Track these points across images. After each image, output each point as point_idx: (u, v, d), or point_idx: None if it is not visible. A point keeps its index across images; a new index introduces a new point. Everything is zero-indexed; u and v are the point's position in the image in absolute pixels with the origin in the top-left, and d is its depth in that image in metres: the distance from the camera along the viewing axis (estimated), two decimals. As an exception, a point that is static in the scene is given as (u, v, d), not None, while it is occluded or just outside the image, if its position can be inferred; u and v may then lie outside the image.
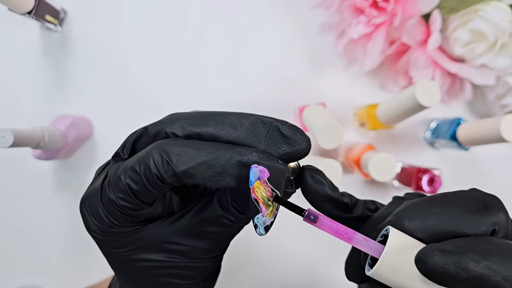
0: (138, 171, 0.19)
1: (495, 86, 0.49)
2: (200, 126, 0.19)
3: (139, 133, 0.21)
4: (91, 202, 0.22)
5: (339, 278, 0.52)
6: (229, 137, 0.19)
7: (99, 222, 0.22)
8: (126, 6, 0.52)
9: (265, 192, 0.18)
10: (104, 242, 0.23)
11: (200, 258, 0.23)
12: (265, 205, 0.18)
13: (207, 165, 0.18)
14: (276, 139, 0.19)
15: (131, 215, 0.21)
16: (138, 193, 0.20)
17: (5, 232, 0.52)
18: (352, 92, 0.53)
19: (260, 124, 0.19)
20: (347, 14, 0.47)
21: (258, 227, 0.19)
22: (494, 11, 0.43)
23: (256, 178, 0.18)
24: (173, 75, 0.52)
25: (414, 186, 0.45)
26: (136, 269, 0.23)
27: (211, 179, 0.18)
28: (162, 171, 0.19)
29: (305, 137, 0.19)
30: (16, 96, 0.52)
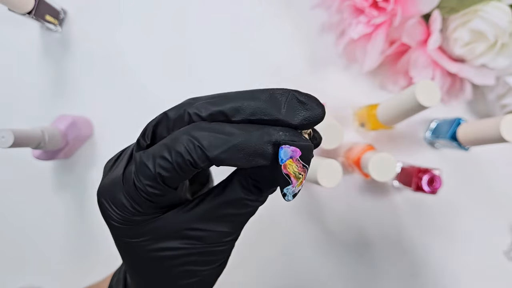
0: (169, 159, 0.20)
1: (495, 86, 0.49)
2: (221, 104, 0.20)
3: (158, 118, 0.22)
4: (111, 191, 0.22)
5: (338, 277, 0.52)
6: (250, 109, 0.20)
7: (121, 211, 0.22)
8: (126, 6, 0.52)
9: (297, 168, 0.20)
10: (122, 231, 0.23)
11: (218, 243, 0.23)
12: (295, 178, 0.20)
13: (238, 148, 0.19)
14: (295, 106, 0.20)
15: (156, 201, 0.22)
16: (167, 179, 0.21)
17: (5, 232, 0.52)
18: (352, 92, 0.53)
19: (278, 94, 0.20)
20: (347, 14, 0.47)
21: (287, 195, 0.20)
22: (494, 11, 0.43)
23: (288, 157, 0.19)
24: (173, 75, 0.52)
25: (414, 186, 0.45)
26: (152, 259, 0.23)
27: (243, 160, 0.19)
28: (196, 157, 0.19)
29: (320, 103, 0.20)
30: (16, 96, 0.52)
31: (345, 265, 0.52)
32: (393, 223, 0.53)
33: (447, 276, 0.53)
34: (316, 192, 0.52)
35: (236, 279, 0.52)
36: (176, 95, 0.52)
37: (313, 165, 0.38)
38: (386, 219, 0.53)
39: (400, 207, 0.53)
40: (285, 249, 0.52)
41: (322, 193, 0.52)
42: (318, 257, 0.52)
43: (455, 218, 0.53)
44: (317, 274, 0.53)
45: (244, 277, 0.52)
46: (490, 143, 0.41)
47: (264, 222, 0.52)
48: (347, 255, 0.52)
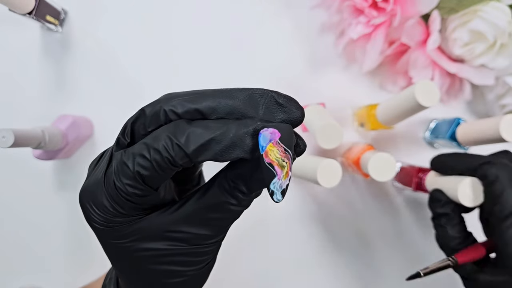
0: (148, 157, 0.20)
1: (495, 86, 0.49)
2: (198, 101, 0.20)
3: (136, 115, 0.22)
4: (92, 192, 0.22)
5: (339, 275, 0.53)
6: (227, 109, 0.20)
7: (103, 212, 0.22)
8: (127, 7, 0.52)
9: (279, 153, 0.19)
10: (105, 233, 0.23)
11: (202, 244, 0.23)
12: (279, 167, 0.19)
13: (216, 141, 0.19)
14: (273, 107, 0.20)
15: (137, 202, 0.21)
16: (147, 178, 0.20)
17: (5, 232, 0.52)
18: (352, 92, 0.53)
19: (257, 95, 0.20)
20: (346, 14, 0.47)
21: (275, 193, 0.19)
22: (493, 11, 0.43)
23: (268, 141, 0.18)
24: (173, 75, 0.52)
25: (414, 186, 0.45)
26: (138, 260, 0.23)
27: (222, 154, 0.19)
28: (173, 154, 0.19)
29: (299, 106, 0.20)
30: (16, 96, 0.52)
31: (345, 265, 0.52)
32: (393, 223, 0.53)
33: (447, 276, 0.53)
34: (316, 192, 0.52)
35: (235, 278, 0.52)
36: (176, 95, 0.52)
37: (313, 165, 0.38)
38: (385, 219, 0.53)
39: (399, 207, 0.53)
40: (284, 249, 0.52)
41: (322, 193, 0.52)
42: (317, 257, 0.52)
43: (454, 218, 0.53)
44: (317, 274, 0.53)
45: (242, 277, 0.53)
46: (490, 143, 0.41)
47: (264, 222, 0.52)
48: (347, 255, 0.52)
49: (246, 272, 0.53)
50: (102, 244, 0.24)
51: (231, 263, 0.52)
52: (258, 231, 0.52)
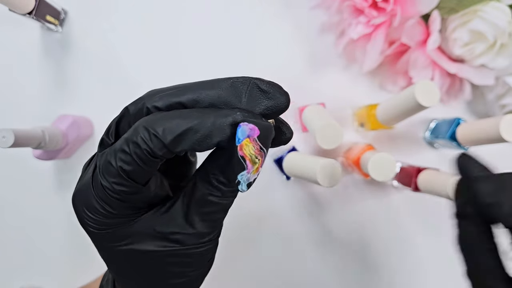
0: (128, 151, 0.19)
1: (495, 86, 0.49)
2: (180, 95, 0.20)
3: (120, 114, 0.21)
4: (83, 195, 0.22)
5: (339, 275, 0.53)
6: (209, 99, 0.19)
7: (95, 214, 0.21)
8: (127, 7, 0.52)
9: (254, 149, 0.18)
10: (99, 237, 0.22)
11: (198, 244, 0.23)
12: (251, 162, 0.19)
13: (194, 130, 0.19)
14: (256, 95, 0.19)
15: (127, 200, 0.21)
16: (131, 173, 0.20)
17: (5, 232, 0.52)
18: (352, 92, 0.53)
19: (239, 83, 0.19)
20: (346, 15, 0.47)
21: (241, 184, 0.19)
22: (493, 11, 0.43)
23: (246, 136, 0.18)
24: (173, 75, 0.52)
25: (413, 186, 0.45)
26: (134, 262, 0.23)
27: (199, 143, 0.19)
28: (151, 145, 0.19)
29: (284, 91, 0.20)
30: (16, 96, 0.52)
31: (345, 265, 0.52)
32: (393, 223, 0.53)
33: (447, 276, 0.53)
34: (316, 192, 0.52)
35: (234, 278, 0.52)
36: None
37: (313, 165, 0.38)
38: (385, 219, 0.53)
39: (399, 207, 0.53)
40: (284, 249, 0.52)
41: (322, 193, 0.53)
42: (317, 257, 0.53)
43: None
44: (317, 274, 0.53)
45: (242, 276, 0.53)
46: (490, 143, 0.41)
47: (264, 222, 0.52)
48: (347, 255, 0.53)
49: (245, 272, 0.53)
50: (97, 248, 0.24)
51: (231, 263, 0.52)
52: (257, 231, 0.52)
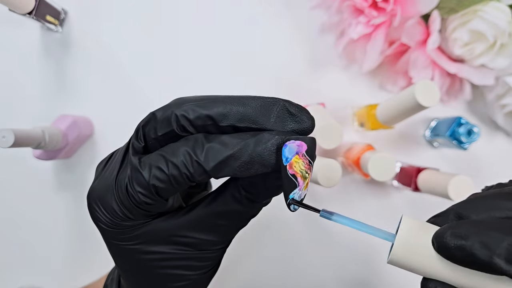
0: (166, 171, 0.20)
1: (494, 86, 0.49)
2: (209, 107, 0.20)
3: (147, 119, 0.22)
4: (102, 194, 0.22)
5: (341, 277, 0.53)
6: (238, 116, 0.20)
7: (111, 215, 0.22)
8: (127, 7, 0.52)
9: (304, 164, 0.18)
10: (111, 234, 0.23)
11: (208, 250, 0.23)
12: (302, 178, 0.19)
13: (235, 157, 0.19)
14: (284, 116, 0.20)
15: (146, 209, 0.21)
16: (161, 191, 0.20)
17: (5, 232, 0.52)
18: (352, 92, 0.53)
19: (269, 102, 0.20)
20: (346, 15, 0.47)
21: (292, 205, 0.19)
22: (493, 11, 0.43)
23: (294, 153, 0.18)
24: (173, 75, 0.52)
25: (413, 186, 0.45)
26: (142, 262, 0.23)
27: (240, 170, 0.19)
28: (192, 170, 0.19)
29: (310, 116, 0.20)
30: (16, 96, 0.52)
31: (345, 265, 0.52)
32: (393, 223, 0.53)
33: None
34: (316, 192, 0.52)
35: (234, 278, 0.52)
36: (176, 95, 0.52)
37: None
38: (385, 219, 0.53)
39: (399, 207, 0.53)
40: (284, 250, 0.53)
41: (322, 193, 0.53)
42: (317, 257, 0.53)
43: (454, 218, 0.53)
44: (317, 274, 0.53)
45: (242, 277, 0.53)
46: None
47: (263, 222, 0.52)
48: (347, 255, 0.53)
49: (244, 272, 0.53)
50: (106, 244, 0.24)
51: (230, 264, 0.52)
52: (257, 231, 0.52)
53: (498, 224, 0.18)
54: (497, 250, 0.16)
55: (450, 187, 0.38)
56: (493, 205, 0.19)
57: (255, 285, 0.53)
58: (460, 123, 0.48)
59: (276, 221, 0.52)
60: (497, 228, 0.17)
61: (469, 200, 0.21)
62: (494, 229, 0.17)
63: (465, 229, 0.18)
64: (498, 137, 0.53)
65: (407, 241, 0.19)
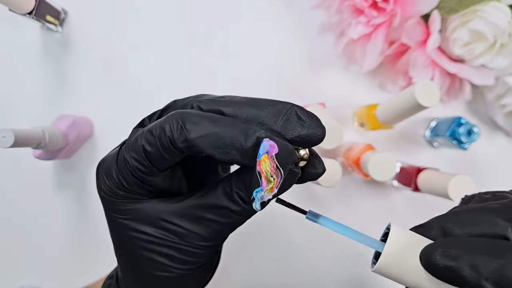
0: (154, 134, 0.20)
1: (494, 86, 0.49)
2: (223, 105, 0.21)
3: (168, 105, 0.23)
4: (107, 162, 0.23)
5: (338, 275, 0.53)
6: (247, 114, 0.20)
7: (110, 181, 0.23)
8: (127, 6, 0.52)
9: (270, 167, 0.18)
10: (109, 204, 0.24)
11: (194, 244, 0.23)
12: (266, 180, 0.18)
13: (218, 136, 0.19)
14: (293, 120, 0.20)
15: (140, 178, 0.22)
16: (151, 155, 0.21)
17: (5, 232, 0.52)
18: (352, 92, 0.53)
19: (279, 105, 0.20)
20: (346, 15, 0.47)
21: (255, 201, 0.19)
22: (493, 11, 0.43)
23: (265, 152, 0.18)
24: (173, 75, 0.52)
25: (413, 186, 0.45)
26: (130, 239, 0.23)
27: (218, 150, 0.19)
28: (176, 136, 0.20)
29: (321, 125, 0.20)
30: (16, 96, 0.52)
31: (345, 265, 0.52)
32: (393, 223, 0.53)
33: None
34: (316, 192, 0.52)
35: (234, 278, 0.52)
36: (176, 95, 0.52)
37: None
38: (385, 219, 0.53)
39: (399, 207, 0.53)
40: (284, 249, 0.52)
41: (322, 193, 0.53)
42: (317, 257, 0.53)
43: (454, 218, 0.53)
44: (317, 274, 0.53)
45: (242, 277, 0.53)
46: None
47: (263, 222, 0.52)
48: (347, 255, 0.52)
49: (244, 273, 0.53)
50: (106, 216, 0.25)
51: (230, 265, 0.52)
52: (256, 231, 0.52)
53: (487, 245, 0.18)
54: (485, 273, 0.17)
55: (450, 187, 0.38)
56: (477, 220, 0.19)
57: (254, 286, 0.53)
58: (460, 123, 0.48)
59: (276, 221, 0.52)
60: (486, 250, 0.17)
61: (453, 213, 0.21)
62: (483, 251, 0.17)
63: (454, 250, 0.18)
64: (498, 137, 0.53)
65: (394, 252, 0.19)
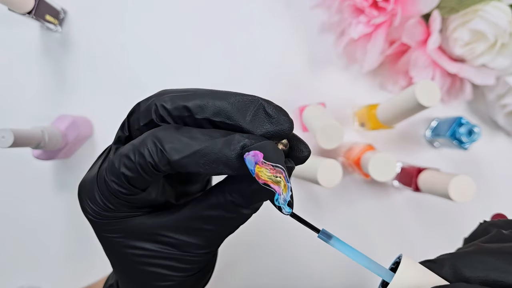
0: (133, 159, 0.20)
1: (495, 86, 0.49)
2: (188, 99, 0.20)
3: (132, 110, 0.22)
4: (88, 185, 0.22)
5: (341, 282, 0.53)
6: (214, 109, 0.19)
7: (95, 205, 0.22)
8: (127, 6, 0.52)
9: (268, 171, 0.18)
10: (98, 226, 0.23)
11: (192, 253, 0.23)
12: (275, 184, 0.18)
13: (201, 154, 0.19)
14: (261, 117, 0.19)
15: (125, 199, 0.21)
16: (131, 179, 0.20)
17: (5, 232, 0.52)
18: (352, 92, 0.53)
19: (247, 100, 0.19)
20: (347, 14, 0.47)
21: (282, 208, 0.18)
22: (494, 11, 0.43)
23: (254, 164, 0.18)
24: (173, 75, 0.52)
25: (414, 186, 0.45)
26: (126, 256, 0.23)
27: (205, 167, 0.19)
28: (157, 160, 0.19)
29: (288, 118, 0.19)
30: (16, 96, 0.52)
31: (345, 265, 0.52)
32: (393, 223, 0.53)
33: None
34: (316, 192, 0.52)
35: (233, 278, 0.52)
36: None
37: (313, 165, 0.38)
38: (386, 219, 0.53)
39: (400, 207, 0.53)
40: (283, 249, 0.52)
41: (322, 193, 0.52)
42: (317, 257, 0.52)
43: (454, 218, 0.53)
44: (317, 274, 0.53)
45: (241, 277, 0.52)
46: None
47: (263, 222, 0.52)
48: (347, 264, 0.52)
49: (244, 274, 0.52)
50: (96, 235, 0.24)
51: (229, 265, 0.52)
52: (256, 231, 0.52)
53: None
54: None
55: (450, 187, 0.38)
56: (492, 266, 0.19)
57: (253, 285, 0.53)
58: (461, 123, 0.48)
59: (276, 221, 0.52)
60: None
61: (468, 253, 0.20)
62: None
63: None
64: (499, 137, 0.53)
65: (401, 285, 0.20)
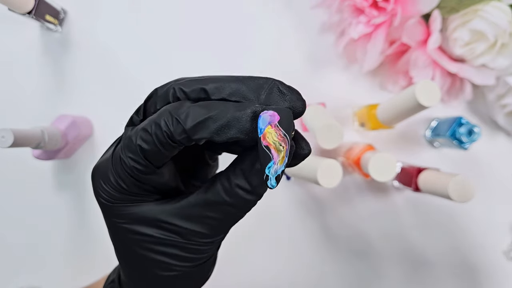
0: (150, 131, 0.20)
1: (495, 86, 0.49)
2: (205, 82, 0.21)
3: (150, 95, 0.23)
4: (103, 166, 0.23)
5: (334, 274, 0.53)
6: (230, 90, 0.20)
7: (108, 185, 0.23)
8: (127, 6, 0.52)
9: (277, 136, 0.18)
10: (108, 209, 0.23)
11: (195, 241, 0.23)
12: (276, 150, 0.19)
13: (213, 119, 0.19)
14: (275, 95, 0.20)
15: (138, 178, 0.22)
16: (148, 153, 0.21)
17: (5, 232, 0.52)
18: (352, 92, 0.53)
19: (261, 80, 0.20)
20: (347, 14, 0.47)
21: (269, 179, 0.19)
22: (494, 11, 0.43)
23: (267, 123, 0.18)
24: (173, 75, 0.52)
25: (414, 186, 0.45)
26: (131, 242, 0.23)
27: (218, 132, 0.19)
28: (172, 129, 0.20)
29: (301, 97, 0.20)
30: (16, 96, 0.52)
31: (345, 265, 0.52)
32: (393, 223, 0.53)
33: (446, 276, 0.53)
34: (316, 192, 0.52)
35: (233, 278, 0.52)
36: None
37: (313, 165, 0.38)
38: (386, 219, 0.53)
39: (400, 207, 0.53)
40: (284, 249, 0.52)
41: (322, 193, 0.52)
42: (317, 257, 0.52)
43: (454, 218, 0.53)
44: (317, 274, 0.53)
45: (241, 276, 0.52)
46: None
47: (263, 222, 0.52)
48: (347, 255, 0.52)
49: (244, 273, 0.52)
50: (105, 221, 0.25)
51: (229, 264, 0.52)
52: (257, 230, 0.52)
53: None
54: None
55: (450, 187, 0.38)
56: None
57: (254, 286, 0.53)
58: (461, 123, 0.48)
59: (276, 221, 0.52)
60: None
61: None
62: None
63: None
64: (499, 137, 0.53)
65: None
